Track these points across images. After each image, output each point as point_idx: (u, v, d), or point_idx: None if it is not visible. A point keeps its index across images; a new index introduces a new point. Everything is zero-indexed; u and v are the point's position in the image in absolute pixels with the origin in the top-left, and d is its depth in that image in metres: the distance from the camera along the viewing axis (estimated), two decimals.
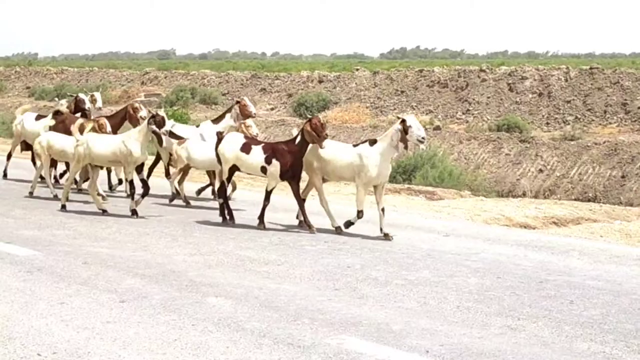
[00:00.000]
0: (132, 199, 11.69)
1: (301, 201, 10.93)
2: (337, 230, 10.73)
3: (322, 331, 6.48)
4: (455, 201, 14.46)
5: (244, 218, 11.81)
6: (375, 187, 10.62)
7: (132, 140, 11.46)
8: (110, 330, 6.43)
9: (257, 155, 10.86)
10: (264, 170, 10.85)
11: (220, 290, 7.66)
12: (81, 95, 15.08)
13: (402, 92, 35.73)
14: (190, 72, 47.87)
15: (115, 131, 13.24)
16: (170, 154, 13.31)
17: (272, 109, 38.46)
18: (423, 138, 10.31)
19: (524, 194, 23.09)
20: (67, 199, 12.30)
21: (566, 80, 31.80)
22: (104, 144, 11.73)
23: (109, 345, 6.07)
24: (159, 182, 13.98)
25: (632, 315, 7.14)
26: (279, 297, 7.46)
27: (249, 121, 12.76)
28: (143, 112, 13.60)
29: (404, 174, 19.28)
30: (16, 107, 24.54)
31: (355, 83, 38.25)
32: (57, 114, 14.64)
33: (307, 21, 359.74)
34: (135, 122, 13.49)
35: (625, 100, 29.44)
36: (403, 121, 10.23)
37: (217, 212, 11.52)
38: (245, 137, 11.40)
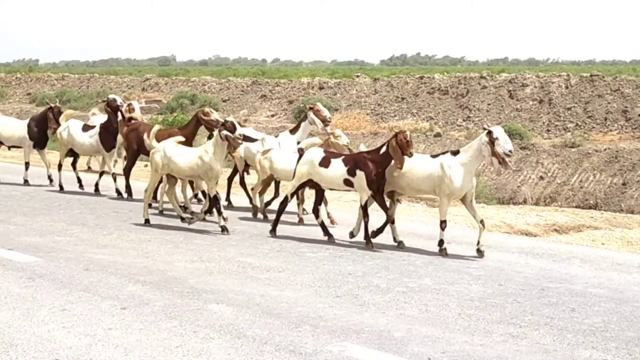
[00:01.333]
0: (219, 214, 11.14)
1: (389, 216, 10.43)
2: (400, 245, 10.35)
3: (323, 338, 6.47)
4: (456, 208, 14.41)
5: (244, 224, 11.81)
6: (463, 201, 10.14)
7: (209, 153, 10.97)
8: (112, 337, 6.43)
9: (338, 167, 10.44)
10: (347, 183, 10.42)
11: (222, 297, 7.65)
12: (112, 96, 14.71)
13: (403, 98, 35.74)
14: (191, 79, 47.88)
15: (190, 142, 12.84)
16: (247, 164, 13.18)
17: (272, 115, 38.46)
18: (510, 152, 9.71)
19: (525, 201, 23.08)
20: (161, 211, 11.95)
21: (567, 87, 31.82)
22: (182, 157, 11.25)
23: (110, 352, 6.07)
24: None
25: (634, 323, 7.13)
26: (280, 304, 7.46)
27: (338, 131, 12.10)
28: (215, 115, 13.16)
29: None
30: (17, 113, 24.41)
31: (356, 90, 38.27)
32: (129, 120, 14.23)
33: (308, 28, 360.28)
34: (210, 127, 12.96)
35: (626, 107, 29.45)
36: (489, 132, 9.69)
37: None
38: (325, 151, 10.87)
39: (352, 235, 10.79)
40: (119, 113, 14.26)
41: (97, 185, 14.68)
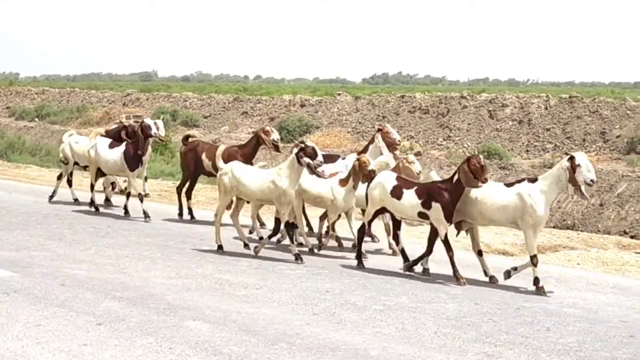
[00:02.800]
0: (292, 241, 10.58)
1: (449, 249, 9.71)
2: (492, 280, 9.71)
3: (300, 356, 6.48)
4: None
5: (222, 241, 11.78)
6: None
7: (283, 177, 10.33)
8: (87, 353, 6.40)
9: (411, 199, 9.79)
10: (422, 215, 9.78)
11: (199, 313, 7.64)
12: (147, 121, 13.59)
13: (384, 117, 35.87)
14: (172, 94, 47.79)
15: (249, 161, 12.40)
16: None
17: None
18: (592, 181, 9.10)
19: None
20: (221, 240, 11.05)
21: (546, 108, 32.08)
22: (252, 179, 10.62)
23: None
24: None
25: (608, 343, 7.19)
26: (257, 321, 7.46)
27: (411, 157, 11.30)
28: (275, 135, 12.88)
29: None
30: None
31: (337, 108, 38.37)
32: (186, 139, 13.94)
33: (290, 45, 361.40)
34: (270, 146, 12.86)
35: (604, 128, 29.72)
36: (571, 158, 9.17)
37: (195, 235, 11.51)
38: (398, 178, 10.16)
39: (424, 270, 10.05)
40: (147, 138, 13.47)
41: (126, 207, 13.86)
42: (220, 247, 10.98)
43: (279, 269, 9.98)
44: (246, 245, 10.88)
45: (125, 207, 13.85)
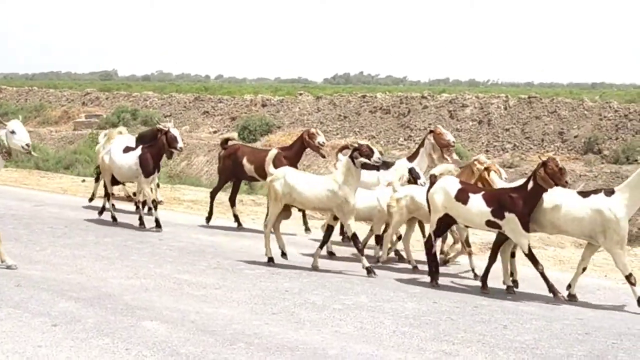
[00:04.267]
0: (361, 253, 9.86)
1: (535, 261, 9.00)
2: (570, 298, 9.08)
3: (258, 356, 6.46)
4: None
5: (182, 241, 11.71)
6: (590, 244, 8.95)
7: (341, 184, 9.63)
8: (42, 354, 6.31)
9: (479, 205, 9.00)
10: (492, 224, 8.99)
11: (156, 314, 7.58)
12: (174, 132, 12.50)
13: (345, 117, 35.98)
14: (133, 94, 47.45)
15: (294, 165, 11.80)
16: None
17: (215, 132, 38.31)
18: None
19: None
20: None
21: (505, 109, 32.41)
22: (307, 186, 9.90)
23: None
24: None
25: (564, 341, 7.27)
26: (215, 321, 7.42)
27: (482, 157, 10.66)
28: (320, 138, 12.38)
29: None
30: None
31: (299, 107, 38.39)
32: (225, 142, 13.42)
33: (252, 45, 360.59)
34: (315, 149, 12.48)
35: (562, 129, 30.11)
36: None
37: (155, 233, 11.39)
38: (462, 182, 9.47)
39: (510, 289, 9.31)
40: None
41: (141, 218, 12.77)
42: (270, 259, 10.24)
43: (238, 268, 9.94)
44: (284, 255, 10.23)
45: (141, 218, 12.72)
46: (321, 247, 10.17)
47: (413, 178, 10.64)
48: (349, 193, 9.63)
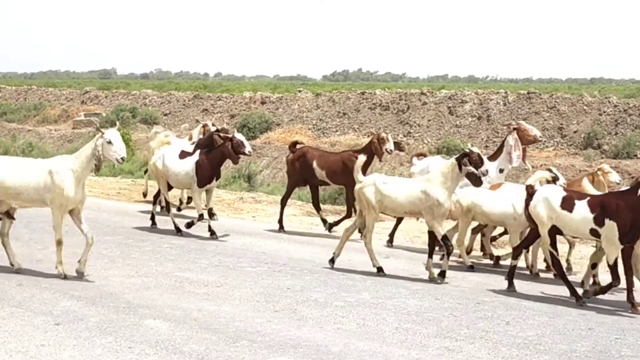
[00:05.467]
0: (447, 258, 9.58)
1: (631, 274, 8.35)
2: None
3: (261, 353, 6.45)
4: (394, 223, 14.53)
5: (183, 239, 11.71)
6: None
7: (436, 186, 9.33)
8: (45, 353, 6.30)
9: (583, 212, 8.36)
10: (594, 233, 8.40)
11: (158, 312, 7.57)
12: (239, 137, 11.91)
13: (344, 114, 35.93)
14: (132, 92, 47.32)
15: (364, 170, 11.03)
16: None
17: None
18: None
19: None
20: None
21: (504, 105, 32.37)
22: (400, 191, 9.58)
23: None
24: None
25: (567, 336, 7.27)
26: (218, 319, 7.41)
27: (606, 166, 10.19)
28: (389, 145, 12.02)
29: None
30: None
31: (298, 105, 38.33)
32: (294, 145, 13.22)
33: (251, 42, 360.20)
34: (380, 155, 12.15)
35: (562, 124, 30.07)
36: None
37: (155, 233, 11.36)
38: (566, 189, 8.87)
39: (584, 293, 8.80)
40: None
41: (210, 227, 11.89)
42: (380, 269, 9.79)
43: (240, 266, 9.93)
44: (380, 270, 9.79)
45: (210, 227, 11.86)
46: (430, 256, 9.67)
47: (552, 179, 9.68)
48: (443, 196, 9.31)
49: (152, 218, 12.76)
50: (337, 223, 12.72)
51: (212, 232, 11.78)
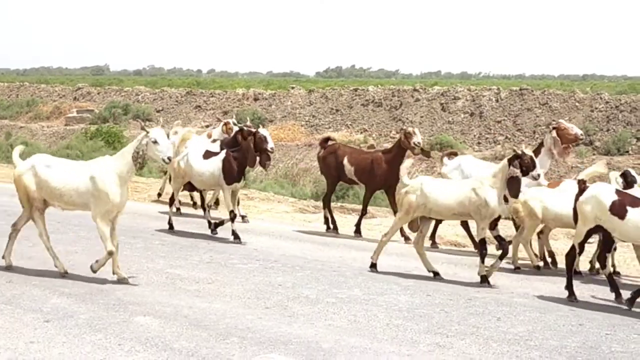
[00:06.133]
0: (482, 261, 9.28)
1: None
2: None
3: (251, 350, 6.44)
4: (387, 220, 14.52)
5: (174, 236, 11.69)
6: None
7: (486, 186, 9.08)
8: (34, 350, 6.28)
9: (636, 218, 8.05)
10: None
11: (149, 309, 7.55)
12: (263, 132, 11.48)
13: (337, 110, 35.92)
14: (124, 89, 47.22)
15: (395, 169, 11.18)
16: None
17: (207, 126, 38.17)
18: None
19: None
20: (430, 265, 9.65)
21: (497, 101, 32.40)
22: (447, 192, 9.28)
23: None
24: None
25: (557, 332, 7.27)
26: (208, 316, 7.40)
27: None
28: (417, 138, 11.67)
29: (338, 192, 19.30)
30: None
31: (291, 101, 38.31)
32: (326, 142, 12.87)
33: (243, 39, 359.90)
34: (412, 150, 11.76)
35: (554, 120, 30.01)
36: None
37: (147, 230, 11.33)
38: (619, 191, 8.47)
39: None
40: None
41: (234, 232, 11.49)
42: (373, 265, 9.74)
43: (232, 263, 9.92)
44: (436, 274, 9.51)
45: (234, 232, 11.46)
46: (501, 258, 9.32)
47: (627, 182, 9.46)
48: (491, 196, 9.04)
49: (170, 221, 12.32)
50: (357, 225, 12.45)
51: (235, 235, 11.40)
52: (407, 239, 11.94)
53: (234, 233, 11.40)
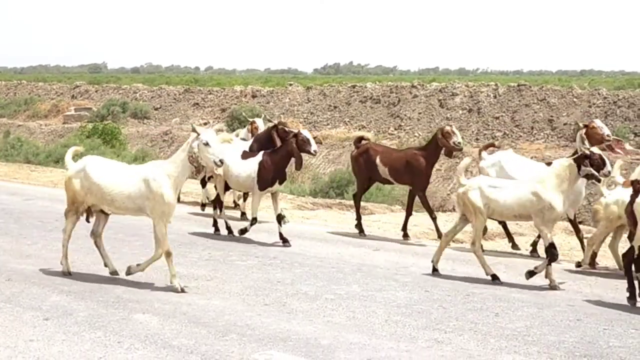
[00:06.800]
0: (548, 265, 8.92)
1: None
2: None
3: (250, 347, 6.46)
4: (385, 216, 14.57)
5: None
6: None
7: (549, 188, 8.69)
8: (34, 348, 6.30)
9: None
10: None
11: (148, 306, 7.57)
12: (305, 133, 11.05)
13: (335, 107, 35.93)
14: (122, 86, 47.21)
15: (431, 167, 11.11)
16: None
17: (205, 123, 38.15)
18: None
19: (454, 209, 23.39)
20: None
21: (495, 97, 32.42)
22: (508, 193, 8.91)
23: None
24: None
25: (555, 327, 7.30)
26: (207, 313, 7.41)
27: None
28: (457, 138, 11.36)
29: (337, 188, 19.35)
30: None
31: (289, 98, 38.31)
32: (359, 141, 12.53)
33: (241, 36, 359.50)
34: (449, 150, 11.47)
35: (552, 116, 30.13)
36: None
37: (145, 227, 11.31)
38: None
39: None
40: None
41: (281, 235, 11.11)
42: (494, 277, 9.17)
43: (230, 260, 9.94)
44: (495, 278, 9.18)
45: (281, 234, 11.11)
46: (549, 262, 8.94)
47: None
48: (556, 199, 8.67)
49: (215, 224, 11.99)
50: (404, 227, 12.09)
51: (283, 239, 11.06)
52: (405, 235, 11.97)
53: (241, 231, 11.32)
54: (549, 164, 9.88)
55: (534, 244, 10.99)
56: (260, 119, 13.82)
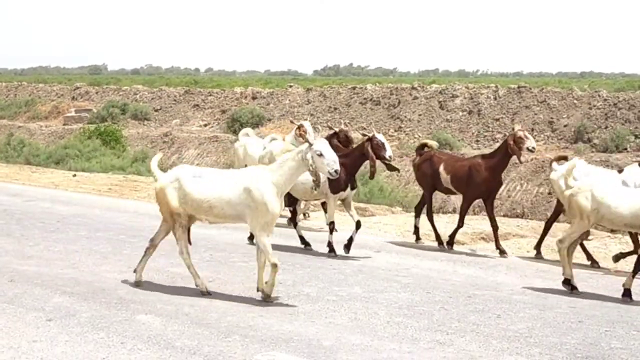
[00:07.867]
0: (634, 274, 8.55)
1: None
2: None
3: (253, 347, 6.47)
4: (386, 217, 14.60)
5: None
6: None
7: None
8: (37, 349, 6.31)
9: None
10: None
11: (151, 307, 7.58)
12: (380, 137, 10.57)
13: (335, 109, 35.95)
14: (122, 88, 47.20)
15: (499, 174, 10.84)
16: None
17: (205, 125, 38.23)
18: None
19: (454, 210, 23.41)
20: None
21: (495, 99, 32.43)
22: (621, 199, 8.38)
23: None
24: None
25: (557, 329, 7.31)
26: (210, 313, 7.43)
27: None
28: (530, 142, 10.76)
29: None
30: None
31: (289, 100, 38.32)
32: (422, 148, 12.10)
33: (241, 37, 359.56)
34: (519, 156, 10.94)
35: (552, 118, 30.15)
36: None
37: (146, 228, 11.32)
38: None
39: None
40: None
41: (330, 243, 10.75)
42: (573, 286, 8.84)
43: (232, 261, 9.96)
44: (574, 288, 8.82)
45: (330, 244, 10.74)
46: (634, 274, 8.56)
47: None
48: None
49: (302, 237, 11.34)
50: (451, 238, 11.61)
51: (330, 248, 10.68)
52: (418, 238, 11.87)
53: (329, 245, 10.73)
54: (620, 171, 9.70)
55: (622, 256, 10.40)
56: (308, 121, 13.49)
